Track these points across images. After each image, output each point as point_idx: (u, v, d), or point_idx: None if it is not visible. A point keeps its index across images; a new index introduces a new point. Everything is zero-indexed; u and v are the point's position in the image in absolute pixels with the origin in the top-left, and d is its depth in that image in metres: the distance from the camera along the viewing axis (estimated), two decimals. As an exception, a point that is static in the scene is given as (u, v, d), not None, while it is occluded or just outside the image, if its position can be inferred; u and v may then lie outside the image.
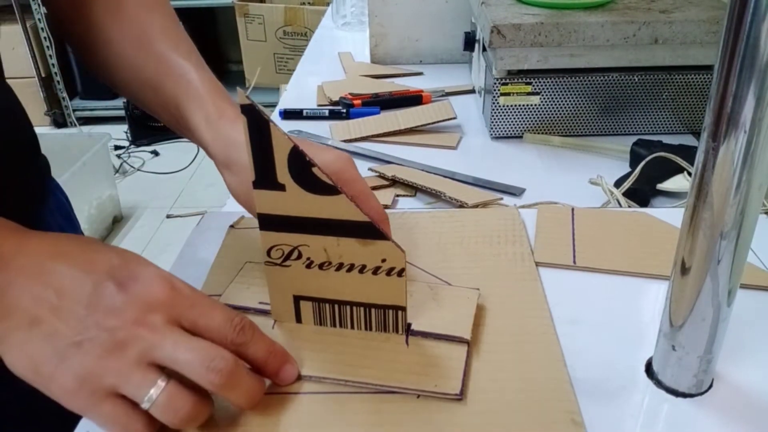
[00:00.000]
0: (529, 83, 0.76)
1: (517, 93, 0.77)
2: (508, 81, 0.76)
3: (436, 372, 0.40)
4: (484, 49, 0.83)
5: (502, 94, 0.77)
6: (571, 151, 0.77)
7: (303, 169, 0.37)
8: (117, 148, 2.80)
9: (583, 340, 0.44)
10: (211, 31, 3.36)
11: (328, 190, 0.37)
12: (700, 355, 0.38)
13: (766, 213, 0.57)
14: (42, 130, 2.93)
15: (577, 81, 0.76)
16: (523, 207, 0.60)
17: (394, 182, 0.69)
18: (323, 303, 0.43)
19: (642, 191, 0.65)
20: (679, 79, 0.76)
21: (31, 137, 0.58)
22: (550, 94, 0.77)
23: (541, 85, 0.76)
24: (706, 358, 0.38)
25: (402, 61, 1.06)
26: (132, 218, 2.39)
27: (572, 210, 0.58)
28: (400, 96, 0.89)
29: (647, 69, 0.76)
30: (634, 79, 0.76)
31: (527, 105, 0.78)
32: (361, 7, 1.28)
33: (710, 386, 0.40)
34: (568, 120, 0.79)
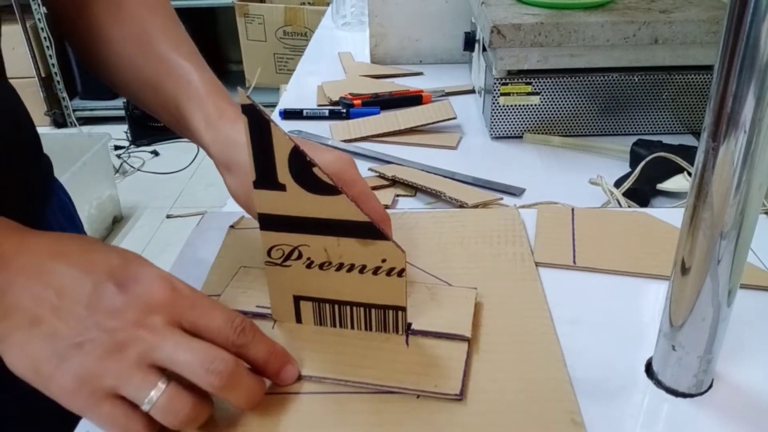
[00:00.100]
0: (529, 83, 0.76)
1: (517, 93, 0.77)
2: (508, 81, 0.76)
3: (436, 372, 0.40)
4: (484, 49, 0.83)
5: (502, 94, 0.77)
6: (571, 151, 0.77)
7: (303, 169, 0.37)
8: (117, 148, 2.81)
9: (583, 340, 0.44)
10: (211, 31, 3.36)
11: (329, 190, 0.37)
12: (700, 355, 0.38)
13: (766, 213, 0.57)
14: (42, 130, 2.91)
15: (577, 81, 0.76)
16: (523, 207, 0.60)
17: (394, 182, 0.69)
18: (323, 303, 0.43)
19: (642, 191, 0.65)
20: (679, 79, 0.76)
21: (34, 137, 0.58)
22: (550, 94, 0.77)
23: (541, 85, 0.76)
24: (706, 358, 0.38)
25: (402, 61, 1.06)
26: (132, 218, 2.39)
27: (572, 210, 0.58)
28: (400, 96, 0.89)
29: (647, 69, 0.76)
30: (634, 79, 0.76)
31: (527, 105, 0.78)
32: (361, 7, 1.28)
33: (710, 386, 0.40)
34: (568, 120, 0.79)
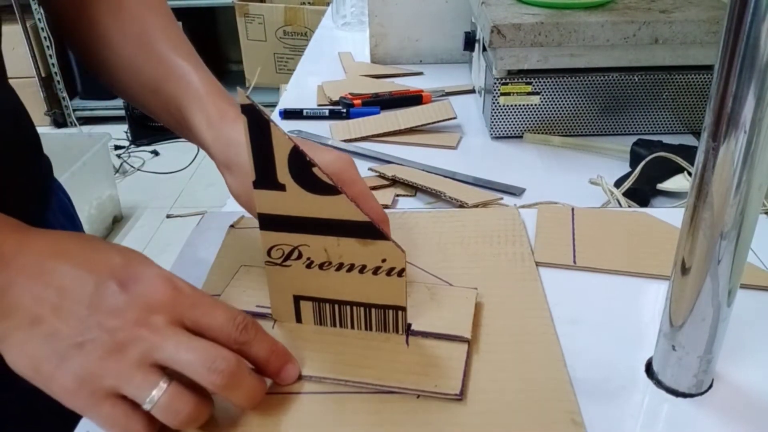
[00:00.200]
0: (529, 83, 0.76)
1: (517, 93, 0.77)
2: (508, 81, 0.76)
3: (436, 372, 0.40)
4: (484, 49, 0.83)
5: (502, 94, 0.77)
6: (571, 151, 0.77)
7: (303, 169, 0.37)
8: (117, 148, 2.81)
9: (583, 340, 0.44)
10: (211, 31, 3.36)
11: (329, 190, 0.37)
12: (700, 355, 0.38)
13: (766, 213, 0.57)
14: (42, 130, 2.91)
15: (577, 81, 0.76)
16: (523, 207, 0.60)
17: (394, 182, 0.69)
18: (323, 303, 0.43)
19: (642, 191, 0.65)
20: (679, 79, 0.76)
21: (34, 137, 0.58)
22: (550, 94, 0.77)
23: (541, 85, 0.76)
24: (706, 358, 0.38)
25: (402, 61, 1.06)
26: (132, 218, 2.39)
27: (572, 210, 0.58)
28: (400, 96, 0.89)
29: (647, 69, 0.76)
30: (634, 79, 0.76)
31: (527, 105, 0.78)
32: (361, 7, 1.28)
33: (710, 386, 0.40)
34: (568, 120, 0.79)
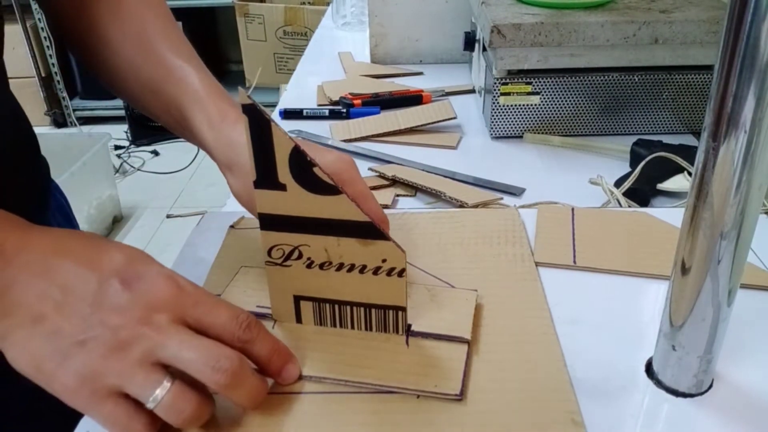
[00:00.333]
0: (529, 83, 0.76)
1: (517, 93, 0.77)
2: (508, 81, 0.76)
3: (436, 372, 0.40)
4: (484, 49, 0.83)
5: (502, 94, 0.77)
6: (571, 151, 0.77)
7: (304, 169, 0.37)
8: (117, 148, 2.81)
9: (583, 340, 0.44)
10: (211, 31, 3.36)
11: (329, 190, 0.37)
12: (700, 355, 0.38)
13: (766, 213, 0.57)
14: (42, 130, 2.93)
15: (577, 81, 0.76)
16: (523, 207, 0.60)
17: (394, 182, 0.69)
18: (323, 303, 0.43)
19: (642, 191, 0.65)
20: (679, 79, 0.76)
21: (31, 138, 0.58)
22: (550, 94, 0.77)
23: (541, 85, 0.76)
24: (706, 358, 0.38)
25: (402, 61, 1.06)
26: (132, 218, 2.39)
27: (572, 210, 0.58)
28: (400, 96, 0.89)
29: (647, 69, 0.76)
30: (634, 79, 0.76)
31: (527, 105, 0.78)
32: (361, 7, 1.28)
33: (710, 386, 0.40)
34: (568, 120, 0.79)
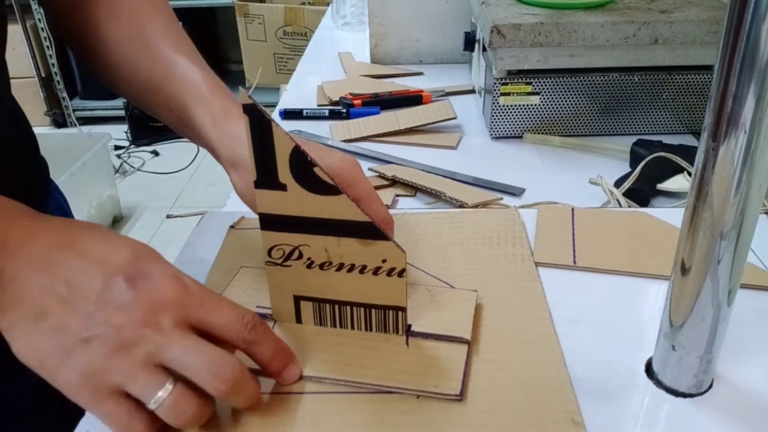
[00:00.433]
0: (529, 83, 0.76)
1: (517, 93, 0.77)
2: (508, 81, 0.76)
3: (436, 373, 0.40)
4: (484, 49, 0.83)
5: (502, 94, 0.77)
6: (571, 151, 0.77)
7: (304, 169, 0.37)
8: (117, 148, 2.80)
9: (583, 340, 0.44)
10: (211, 31, 3.36)
11: (330, 190, 0.37)
12: (700, 355, 0.38)
13: (766, 213, 0.57)
14: (42, 130, 2.93)
15: (577, 81, 0.76)
16: (523, 207, 0.60)
17: (394, 182, 0.69)
18: (323, 303, 0.43)
19: (642, 191, 0.65)
20: (679, 79, 0.76)
21: (31, 138, 0.58)
22: (550, 94, 0.77)
23: (541, 85, 0.76)
24: (706, 358, 0.38)
25: (402, 61, 1.06)
26: (132, 218, 2.39)
27: (572, 210, 0.58)
28: (400, 96, 0.89)
29: (647, 69, 0.76)
30: (634, 79, 0.76)
31: (527, 105, 0.78)
32: (361, 7, 1.28)
33: (710, 386, 0.40)
34: (568, 120, 0.79)
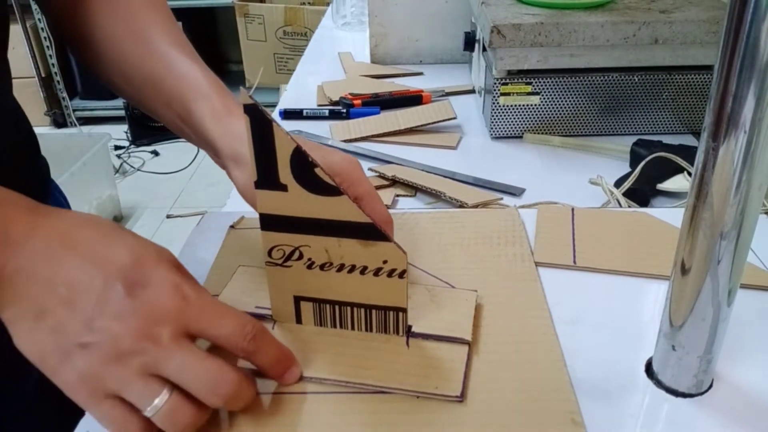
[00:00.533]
0: (529, 83, 0.76)
1: (517, 93, 0.77)
2: (508, 81, 0.76)
3: (437, 374, 0.40)
4: (484, 49, 0.83)
5: (502, 94, 0.77)
6: (571, 151, 0.77)
7: (306, 170, 0.37)
8: (117, 148, 2.80)
9: (583, 340, 0.44)
10: (211, 31, 3.36)
11: (331, 190, 0.37)
12: (700, 355, 0.38)
13: (766, 213, 0.57)
14: (42, 130, 2.93)
15: (577, 81, 0.76)
16: (523, 207, 0.60)
17: (394, 182, 0.69)
18: (324, 304, 0.43)
19: (642, 191, 0.65)
20: (679, 79, 0.76)
21: (32, 138, 0.58)
22: (550, 94, 0.77)
23: (541, 85, 0.76)
24: (706, 358, 0.38)
25: (402, 61, 1.06)
26: (132, 218, 2.39)
27: (572, 210, 0.58)
28: (400, 96, 0.89)
29: (647, 69, 0.76)
30: (634, 79, 0.76)
31: (527, 105, 0.78)
32: (361, 7, 1.28)
33: (710, 386, 0.40)
34: (568, 120, 0.79)
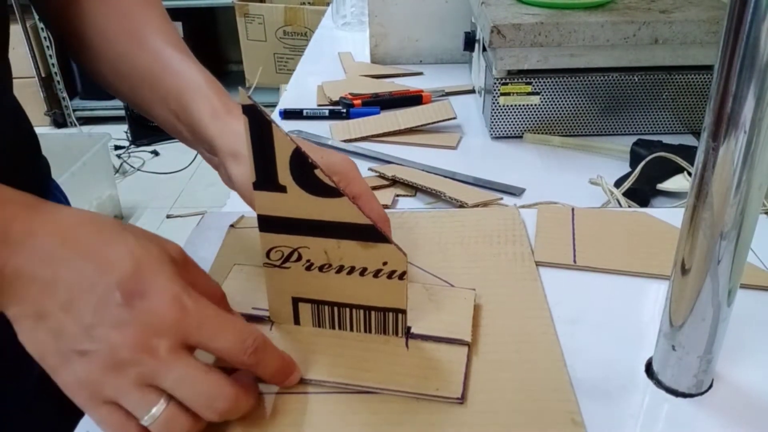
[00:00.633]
0: (529, 83, 0.76)
1: (517, 93, 0.77)
2: (508, 81, 0.76)
3: (437, 375, 0.40)
4: (484, 49, 0.83)
5: (502, 94, 0.77)
6: (571, 151, 0.77)
7: (305, 171, 0.37)
8: (117, 148, 2.81)
9: (583, 340, 0.44)
10: (211, 31, 3.36)
11: (330, 192, 0.37)
12: (700, 355, 0.38)
13: (766, 213, 0.57)
14: (42, 130, 2.93)
15: (577, 81, 0.76)
16: (523, 207, 0.60)
17: (394, 182, 0.69)
18: (322, 305, 0.43)
19: (642, 191, 0.65)
20: (679, 79, 0.76)
21: (32, 138, 0.58)
22: (550, 94, 0.77)
23: (541, 85, 0.76)
24: (706, 358, 0.38)
25: (402, 61, 1.06)
26: (132, 218, 2.39)
27: (572, 210, 0.58)
28: (400, 96, 0.89)
29: (647, 69, 0.76)
30: (634, 79, 0.76)
31: (527, 105, 0.78)
32: (361, 7, 1.28)
33: (710, 386, 0.40)
34: (568, 120, 0.79)
